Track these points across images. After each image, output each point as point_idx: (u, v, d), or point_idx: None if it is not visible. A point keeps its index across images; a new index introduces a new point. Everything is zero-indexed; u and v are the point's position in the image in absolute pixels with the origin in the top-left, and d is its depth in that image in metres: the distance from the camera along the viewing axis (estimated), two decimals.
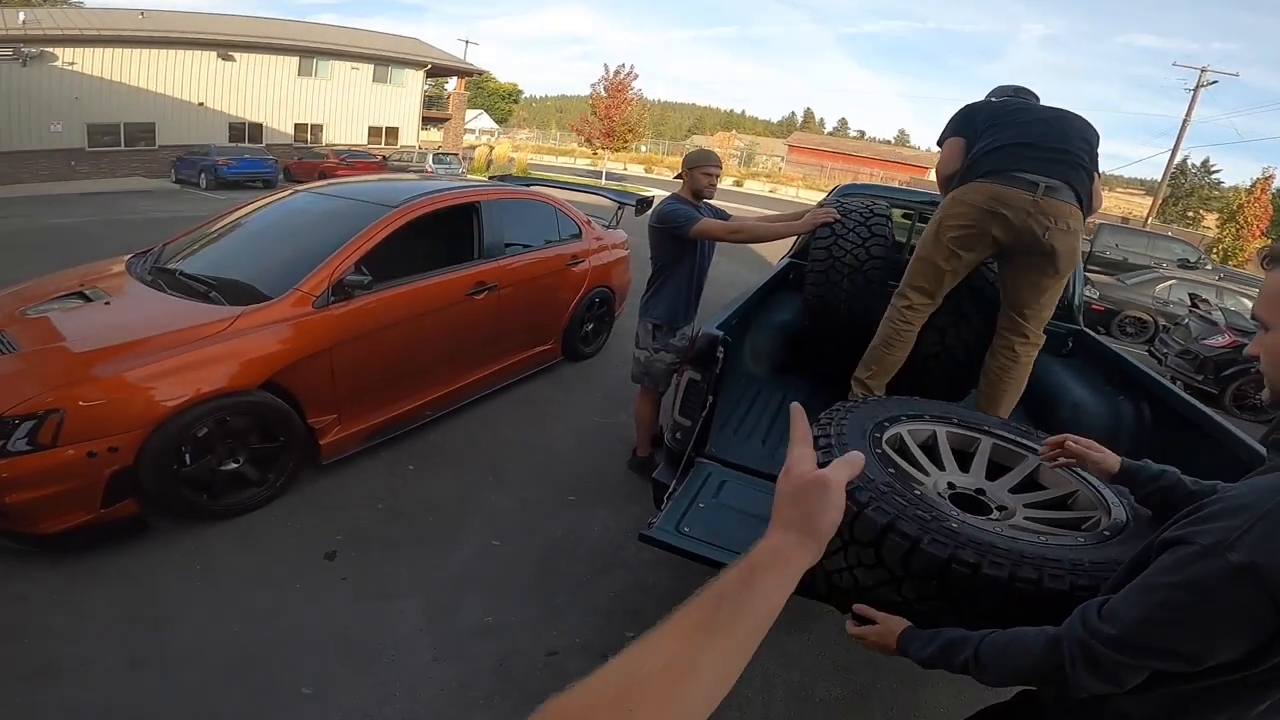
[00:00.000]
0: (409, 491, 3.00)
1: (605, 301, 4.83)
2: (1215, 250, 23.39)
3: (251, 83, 20.73)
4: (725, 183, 32.46)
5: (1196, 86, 20.37)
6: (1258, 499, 0.70)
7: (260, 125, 21.19)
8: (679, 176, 2.93)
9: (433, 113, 27.51)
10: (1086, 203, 2.07)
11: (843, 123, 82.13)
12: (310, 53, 22.16)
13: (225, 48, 19.75)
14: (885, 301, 2.45)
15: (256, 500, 2.68)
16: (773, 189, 30.78)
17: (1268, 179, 26.56)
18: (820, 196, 4.16)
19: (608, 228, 4.98)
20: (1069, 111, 2.20)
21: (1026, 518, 1.39)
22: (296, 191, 3.87)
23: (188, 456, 2.42)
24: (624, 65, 27.43)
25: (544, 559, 2.63)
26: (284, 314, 2.71)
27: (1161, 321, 8.71)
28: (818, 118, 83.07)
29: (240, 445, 2.60)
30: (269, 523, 2.66)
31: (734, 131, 61.38)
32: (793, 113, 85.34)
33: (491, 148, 28.22)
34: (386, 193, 3.58)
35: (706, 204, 2.96)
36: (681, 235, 2.74)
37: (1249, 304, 8.67)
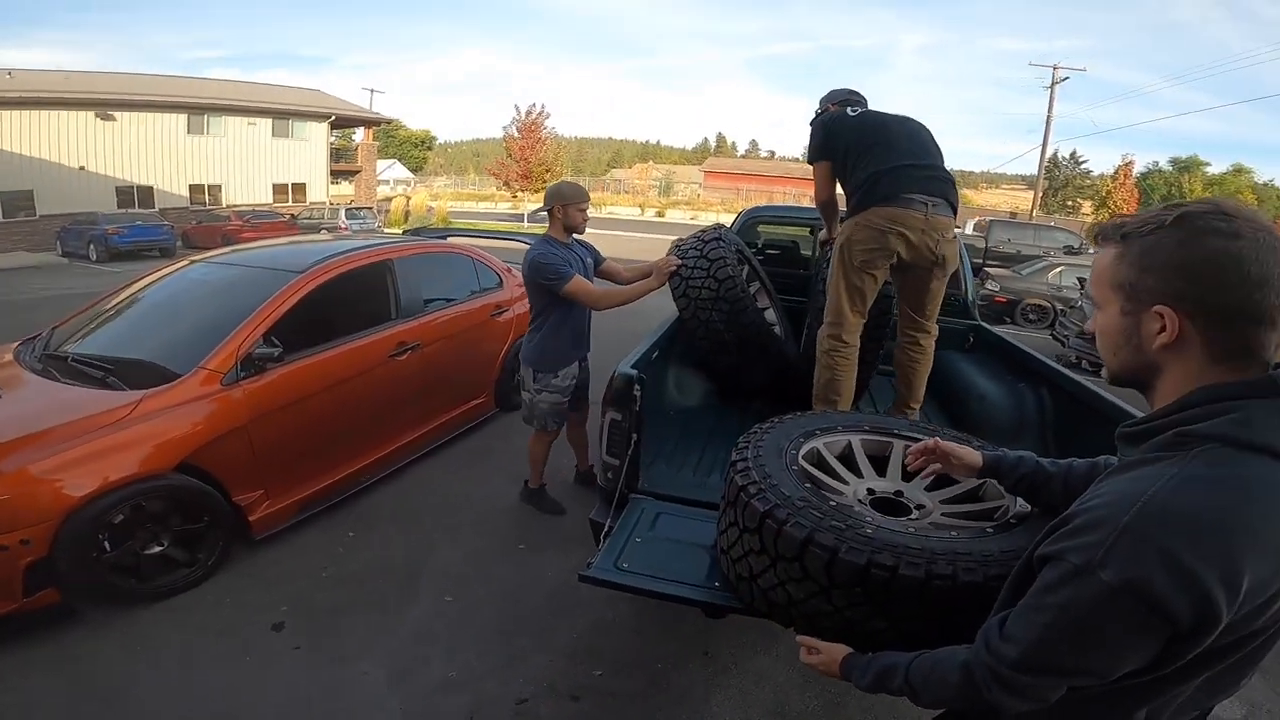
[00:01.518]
0: (353, 556, 2.93)
1: None
2: (1095, 235, 25.83)
3: (137, 143, 19.71)
4: (648, 213, 33.16)
5: (1052, 83, 22.54)
6: (1115, 510, 0.69)
7: (151, 188, 20.14)
8: (548, 210, 2.93)
9: (341, 165, 26.92)
10: (955, 211, 2.39)
11: (753, 144, 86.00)
12: (199, 109, 21.30)
13: (103, 106, 18.77)
14: (757, 310, 2.72)
15: (189, 580, 2.61)
16: (694, 216, 31.53)
17: (1128, 165, 29.71)
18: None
19: None
20: (913, 119, 2.49)
21: (944, 514, 1.45)
22: (195, 261, 3.69)
23: (107, 543, 2.38)
24: (534, 105, 27.78)
25: (501, 608, 2.61)
26: (191, 394, 2.60)
27: (1059, 306, 9.45)
28: (729, 141, 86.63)
29: (162, 528, 2.53)
30: (207, 601, 2.58)
31: (650, 162, 62.92)
32: (705, 139, 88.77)
33: (408, 198, 27.71)
34: (292, 257, 3.48)
35: (576, 240, 3.03)
36: (553, 289, 2.80)
37: None
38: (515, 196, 28.51)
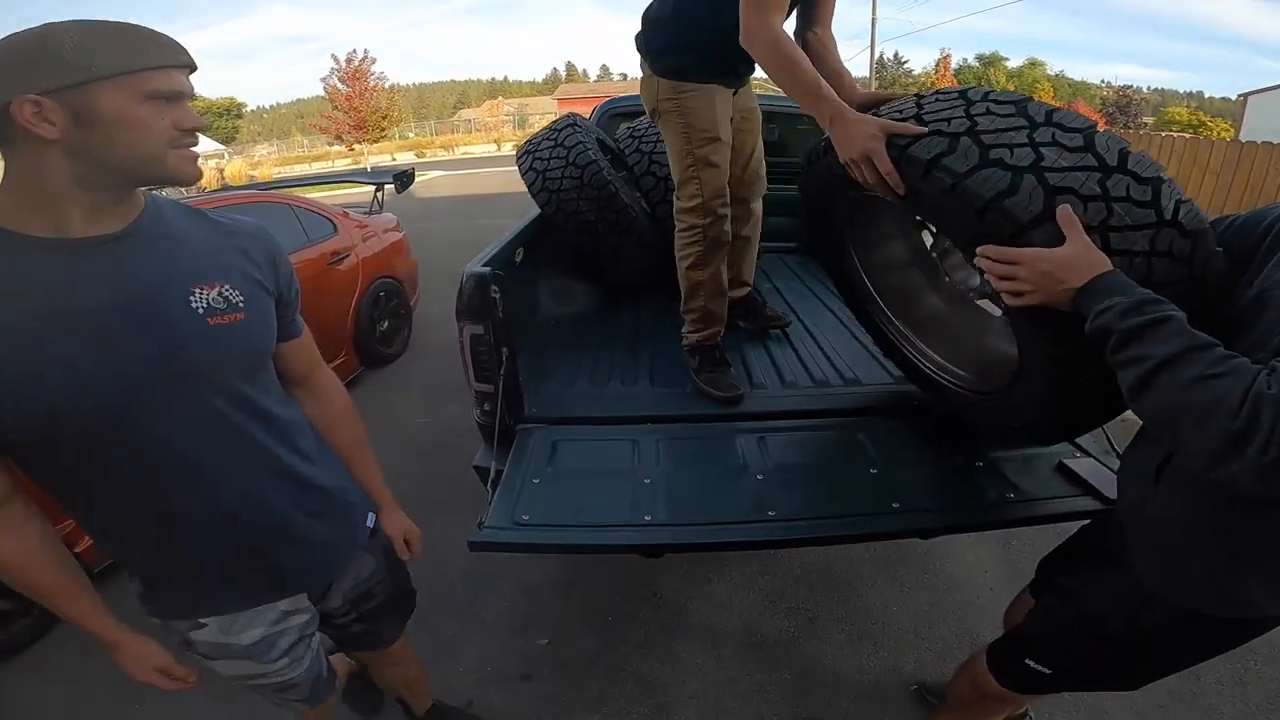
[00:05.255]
0: None
1: (393, 293, 4.18)
2: None
3: None
4: (506, 148, 31.29)
5: None
6: None
7: None
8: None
9: None
10: (639, 38, 1.91)
11: (604, 69, 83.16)
12: None
13: None
14: (629, 193, 2.44)
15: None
16: None
17: (945, 59, 32.15)
18: None
19: (369, 215, 4.25)
20: None
21: None
22: None
23: None
24: (355, 51, 24.83)
25: None
26: None
27: None
28: (580, 69, 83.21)
29: None
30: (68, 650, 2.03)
31: (500, 98, 58.92)
32: (555, 69, 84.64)
33: (221, 170, 24.18)
34: None
35: (158, 202, 2.27)
36: None
37: None
38: (353, 150, 25.75)
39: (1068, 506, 1.35)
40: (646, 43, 1.88)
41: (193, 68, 0.77)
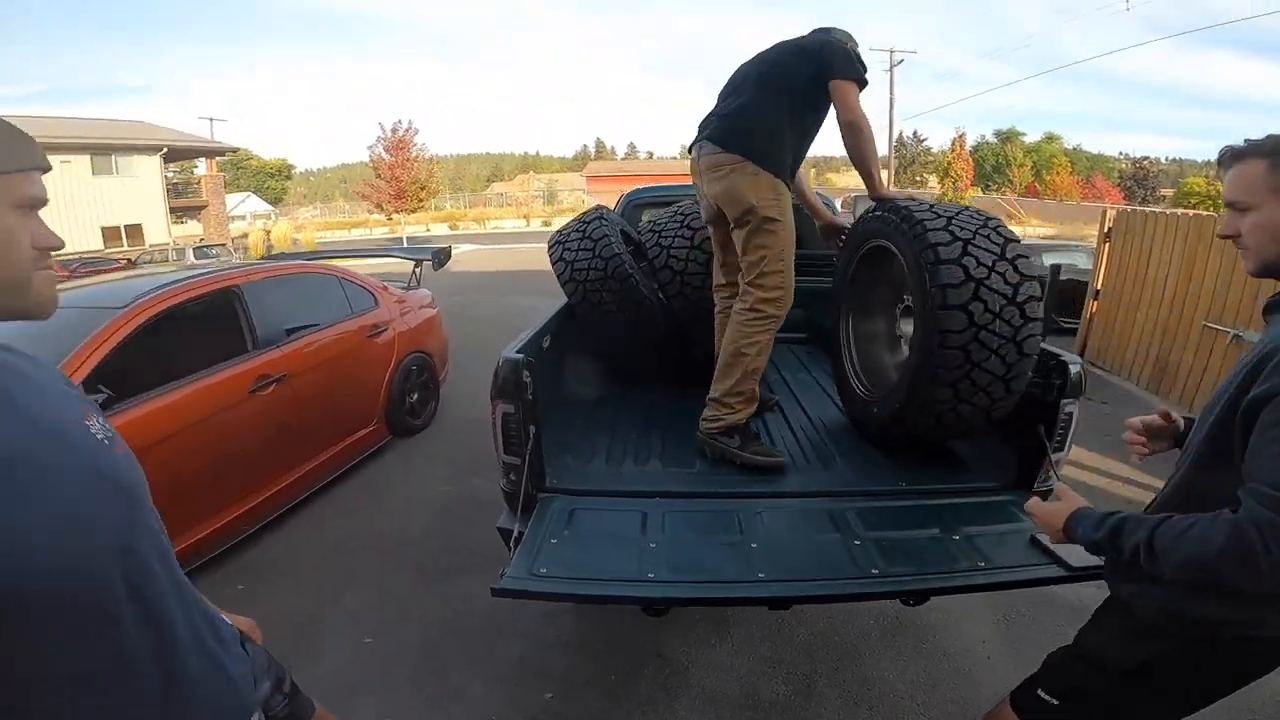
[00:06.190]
0: (246, 610, 2.43)
1: (424, 368, 4.45)
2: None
3: None
4: (534, 224, 32.56)
5: (890, 67, 24.40)
6: None
7: None
8: None
9: (185, 201, 23.89)
10: (736, 138, 2.04)
11: (632, 147, 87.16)
12: None
13: None
14: (650, 286, 2.68)
15: None
16: None
17: (961, 137, 33.40)
18: None
19: (407, 289, 4.60)
20: (779, 45, 2.20)
21: None
22: None
23: None
24: (401, 121, 26.06)
25: (427, 644, 2.35)
26: None
27: None
28: (608, 146, 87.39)
29: None
30: None
31: (531, 173, 61.94)
32: (585, 146, 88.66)
33: (268, 231, 25.42)
34: (112, 293, 2.99)
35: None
36: None
37: None
38: (391, 219, 26.97)
39: (1035, 574, 1.51)
40: (746, 139, 2.02)
41: (48, 169, 0.67)
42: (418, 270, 4.74)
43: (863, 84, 2.04)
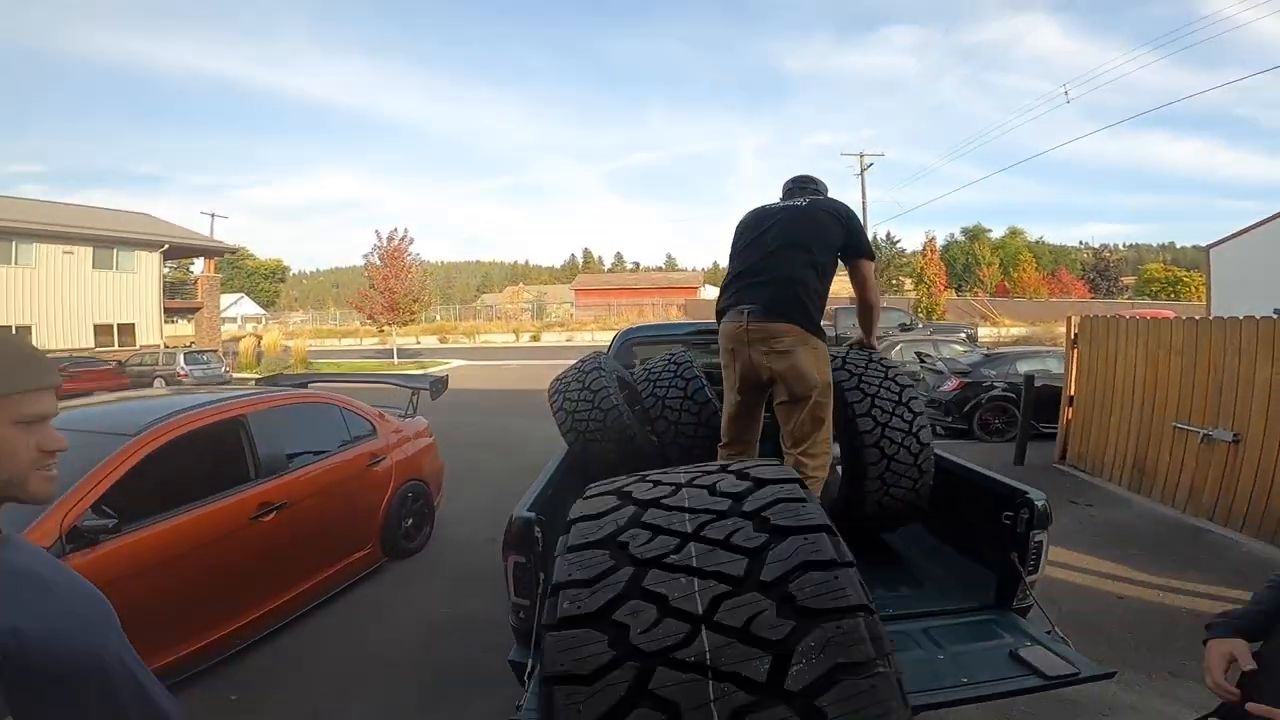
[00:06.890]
0: None
1: (420, 494, 4.48)
2: (919, 309, 29.54)
3: None
4: (523, 339, 33.05)
5: (861, 170, 25.65)
6: None
7: None
8: None
9: (179, 302, 23.58)
10: (800, 312, 2.07)
11: (618, 257, 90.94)
12: (4, 233, 18.03)
13: None
14: (646, 435, 2.76)
15: None
16: (569, 337, 32.01)
17: (931, 241, 34.86)
18: (612, 335, 4.44)
19: (403, 417, 4.69)
20: (802, 208, 2.24)
21: None
22: None
23: None
24: (397, 230, 24.78)
25: None
26: None
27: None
28: (596, 256, 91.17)
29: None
30: None
31: (520, 284, 63.54)
32: (573, 255, 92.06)
33: (259, 338, 25.31)
34: (124, 417, 3.13)
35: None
36: None
37: (958, 349, 11.13)
38: (382, 331, 26.92)
39: (1015, 685, 1.64)
40: (801, 309, 2.03)
41: (59, 385, 0.75)
42: (414, 399, 4.86)
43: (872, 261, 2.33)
